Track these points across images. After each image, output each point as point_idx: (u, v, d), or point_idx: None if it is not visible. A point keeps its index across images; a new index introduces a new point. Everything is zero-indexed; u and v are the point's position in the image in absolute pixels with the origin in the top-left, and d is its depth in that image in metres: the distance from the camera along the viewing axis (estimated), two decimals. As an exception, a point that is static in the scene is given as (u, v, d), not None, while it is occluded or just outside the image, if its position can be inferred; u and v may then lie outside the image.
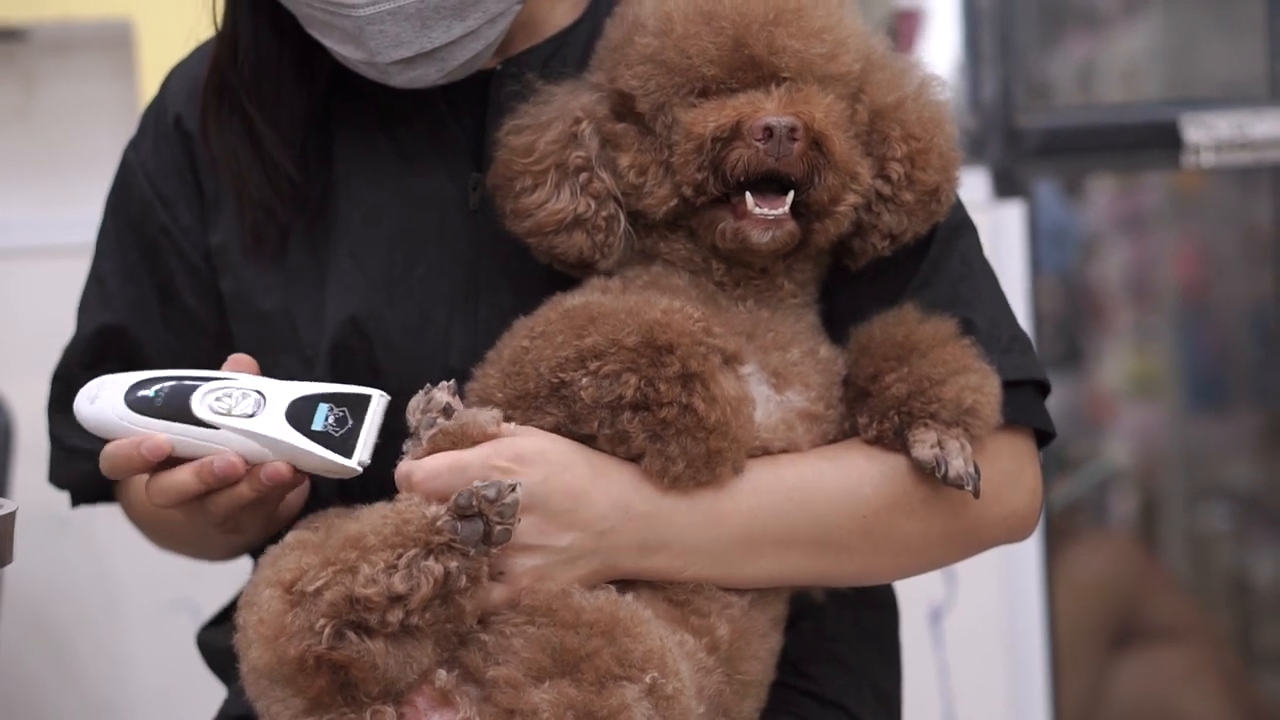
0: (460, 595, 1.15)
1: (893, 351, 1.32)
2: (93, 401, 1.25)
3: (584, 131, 1.32)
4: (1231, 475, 2.94)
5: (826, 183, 1.26)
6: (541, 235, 1.33)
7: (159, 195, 1.45)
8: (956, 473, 1.27)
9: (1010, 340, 1.37)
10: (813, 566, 1.31)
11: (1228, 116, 2.43)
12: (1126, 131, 2.54)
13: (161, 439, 1.23)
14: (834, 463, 1.31)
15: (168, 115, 1.47)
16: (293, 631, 1.14)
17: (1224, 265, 2.98)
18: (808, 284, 1.35)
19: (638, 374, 1.22)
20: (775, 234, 1.27)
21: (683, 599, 1.27)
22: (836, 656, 1.43)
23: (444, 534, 1.14)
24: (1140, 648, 2.69)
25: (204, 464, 1.22)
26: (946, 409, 1.29)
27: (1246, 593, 2.88)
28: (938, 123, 1.34)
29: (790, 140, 1.24)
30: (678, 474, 1.25)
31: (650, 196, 1.30)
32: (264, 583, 1.18)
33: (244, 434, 1.22)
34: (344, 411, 1.22)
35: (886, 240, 1.34)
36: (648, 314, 1.24)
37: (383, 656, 1.14)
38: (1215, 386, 3.01)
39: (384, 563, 1.13)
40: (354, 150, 1.42)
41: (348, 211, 1.41)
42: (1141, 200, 2.99)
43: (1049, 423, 1.39)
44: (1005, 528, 1.36)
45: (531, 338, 1.27)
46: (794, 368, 1.31)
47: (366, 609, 1.12)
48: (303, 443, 1.21)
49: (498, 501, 1.15)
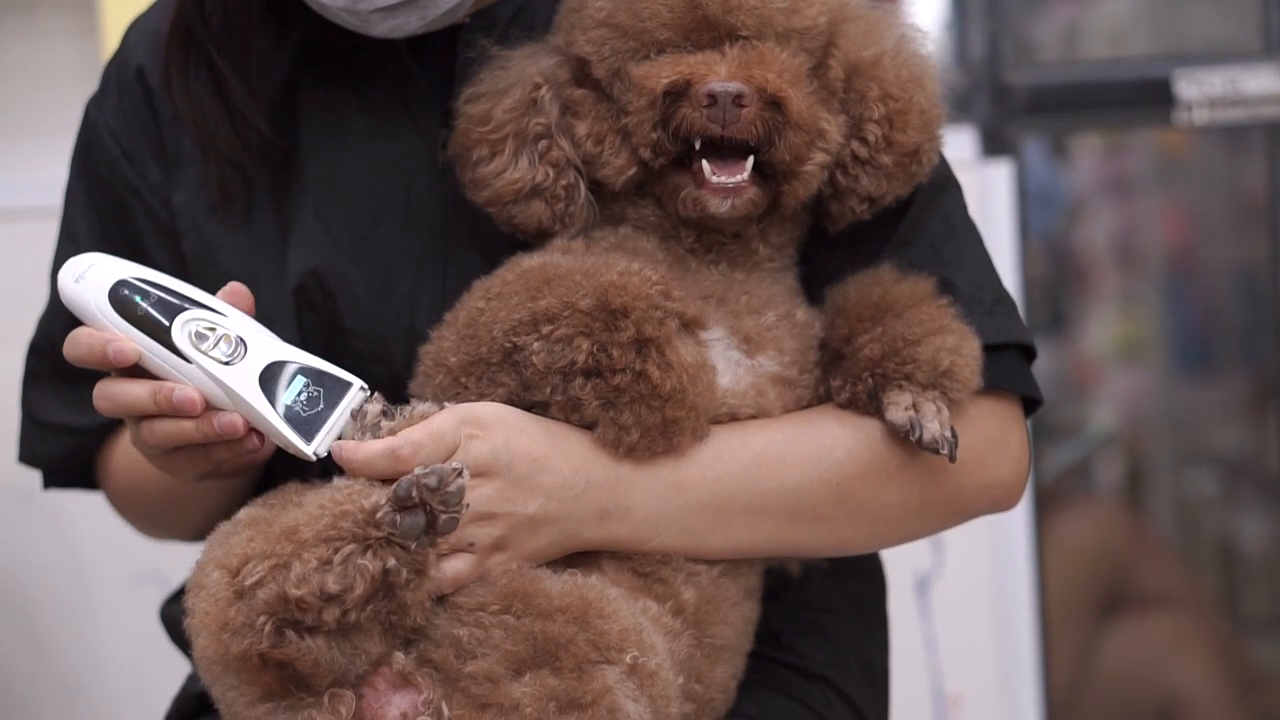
0: (403, 589, 1.10)
1: (867, 312, 1.29)
2: (77, 280, 1.21)
3: (544, 97, 1.29)
4: (1218, 440, 2.92)
5: (788, 142, 1.23)
6: (500, 205, 1.30)
7: (125, 152, 1.42)
8: (932, 436, 1.24)
9: (994, 302, 1.34)
10: (785, 536, 1.28)
11: (1220, 72, 2.39)
12: (1117, 88, 2.50)
13: (130, 348, 1.18)
14: (805, 428, 1.28)
15: (129, 69, 1.42)
16: (235, 627, 1.10)
17: (1211, 228, 2.95)
18: (785, 247, 1.32)
19: (590, 338, 1.19)
20: (735, 202, 1.24)
21: (648, 570, 1.24)
22: (821, 628, 1.40)
23: (383, 528, 1.09)
24: (1130, 615, 2.68)
25: (163, 387, 1.17)
26: (922, 370, 1.26)
27: (1233, 557, 2.87)
28: (918, 80, 1.30)
29: (737, 106, 1.20)
30: (632, 443, 1.22)
31: (608, 166, 1.27)
32: (212, 564, 1.14)
33: (213, 379, 1.17)
34: (319, 392, 1.17)
35: (865, 204, 1.30)
36: (604, 276, 1.21)
37: (325, 653, 1.10)
38: (1201, 351, 2.99)
39: (317, 560, 1.08)
40: (319, 108, 1.39)
41: (313, 171, 1.38)
42: (1127, 163, 2.97)
43: (1035, 388, 1.35)
44: (989, 497, 1.33)
45: (487, 299, 1.24)
46: (767, 332, 1.28)
47: (300, 609, 1.08)
48: (267, 411, 1.16)
49: (440, 490, 1.09)
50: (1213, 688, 2.57)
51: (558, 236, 1.30)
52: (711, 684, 1.26)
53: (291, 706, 1.13)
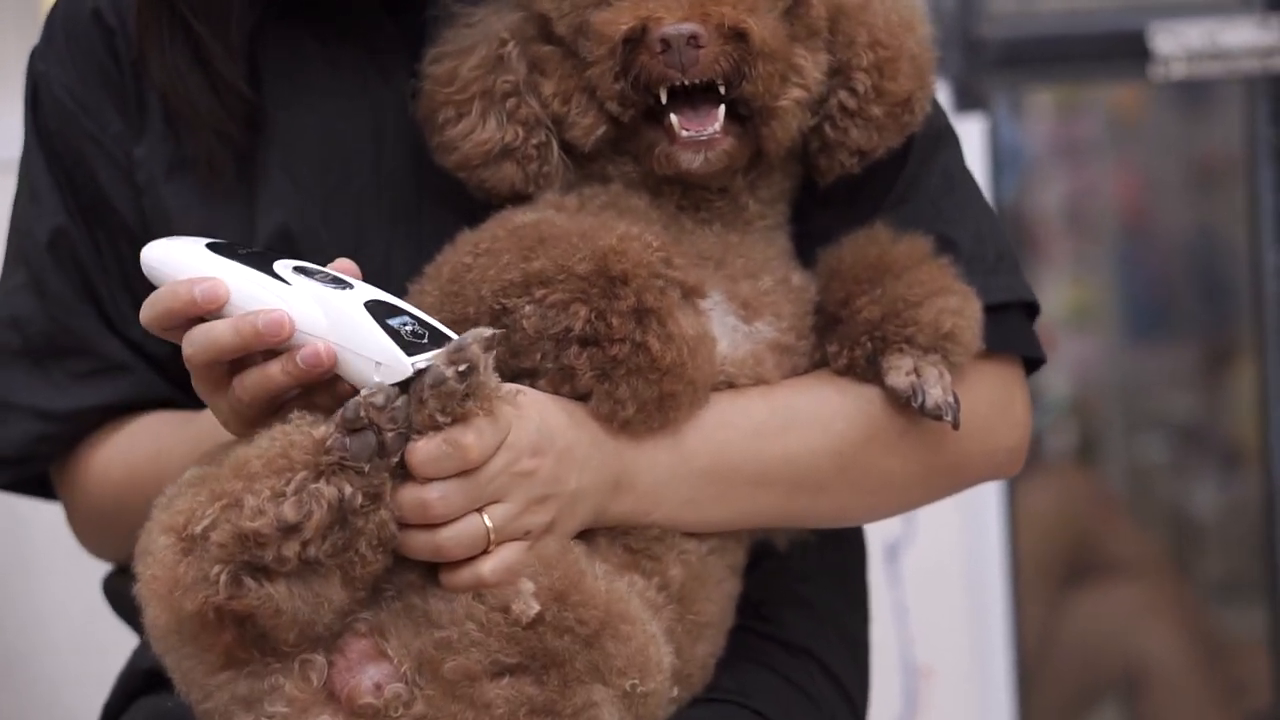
0: (357, 516, 1.05)
1: (865, 273, 1.23)
2: (170, 240, 1.16)
3: (510, 54, 1.23)
4: (1171, 406, 2.91)
5: (758, 74, 1.16)
6: (470, 169, 1.24)
7: (80, 103, 1.33)
8: (934, 402, 1.20)
9: (996, 259, 1.29)
10: (787, 507, 1.23)
11: (1198, 25, 2.34)
12: (1092, 41, 2.45)
13: (222, 287, 1.09)
14: (805, 396, 1.23)
15: (81, 10, 1.34)
16: (187, 584, 1.04)
17: (1164, 192, 2.94)
18: (775, 202, 1.26)
19: (588, 305, 1.13)
20: (708, 155, 1.18)
21: (641, 546, 1.19)
22: (802, 599, 1.35)
23: (334, 453, 1.04)
24: (1096, 583, 2.67)
25: (247, 315, 1.08)
26: (923, 333, 1.21)
27: (1186, 524, 2.87)
28: (908, 25, 1.24)
29: (694, 47, 1.15)
30: (627, 418, 1.16)
31: (576, 126, 1.21)
32: (157, 528, 1.08)
33: (315, 298, 1.09)
34: (425, 331, 1.10)
35: (855, 157, 1.24)
36: (602, 239, 1.15)
37: (287, 600, 1.05)
38: (1154, 317, 2.98)
39: (270, 490, 1.04)
40: (285, 59, 1.31)
41: (280, 125, 1.31)
42: (1079, 126, 2.94)
43: (1038, 348, 1.32)
44: (992, 463, 1.29)
45: (475, 255, 1.18)
46: (764, 297, 1.23)
47: (258, 545, 1.03)
48: (370, 323, 1.08)
49: (387, 408, 1.05)
50: (1179, 655, 2.56)
51: (531, 198, 1.23)
52: (690, 660, 1.21)
53: (255, 674, 1.08)
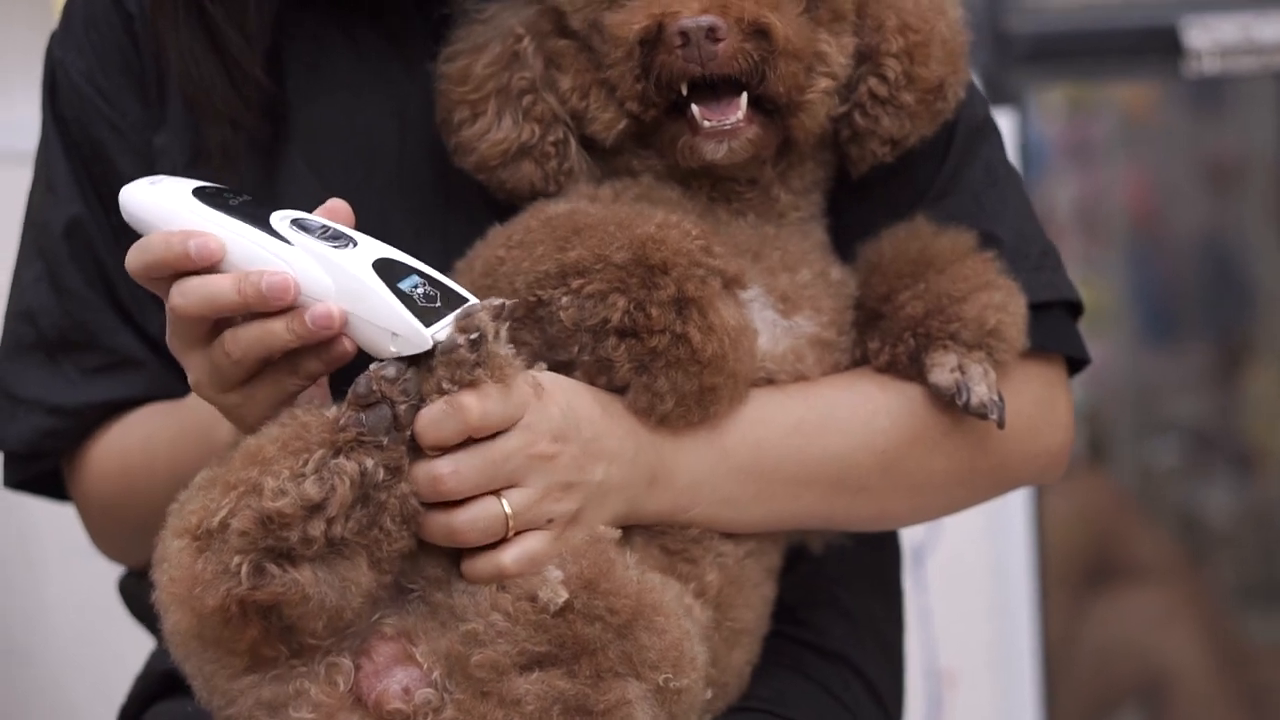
0: (380, 491, 1.03)
1: (907, 268, 1.20)
2: (153, 184, 1.08)
3: (525, 49, 1.20)
4: (1182, 409, 2.89)
5: (780, 72, 1.13)
6: (488, 170, 1.21)
7: (99, 90, 1.29)
8: (979, 400, 1.17)
9: (1040, 255, 1.26)
10: (827, 507, 1.20)
11: (1231, 19, 2.31)
12: (1122, 36, 2.42)
13: (216, 242, 1.03)
14: (846, 393, 1.20)
15: None
16: (206, 579, 1.01)
17: (1176, 193, 2.91)
18: (808, 192, 1.23)
19: (626, 295, 1.09)
20: (731, 145, 1.15)
21: (678, 548, 1.16)
22: (838, 602, 1.32)
23: (349, 429, 1.02)
24: (1117, 587, 2.65)
25: (250, 274, 1.03)
26: (968, 329, 1.18)
27: (1198, 528, 2.84)
28: (939, 8, 1.20)
29: (712, 41, 1.11)
30: (666, 412, 1.13)
31: (596, 121, 1.18)
32: (171, 534, 1.05)
33: (319, 258, 1.03)
34: (436, 293, 1.05)
35: (888, 146, 1.21)
36: (640, 228, 1.11)
37: (313, 585, 1.02)
38: (1166, 319, 2.96)
39: (289, 471, 1.01)
40: (306, 47, 1.28)
41: (301, 116, 1.27)
42: (1090, 126, 2.92)
43: (1082, 347, 1.29)
44: (1036, 466, 1.26)
45: (508, 247, 1.15)
46: (804, 290, 1.19)
47: (282, 526, 1.00)
48: (382, 289, 1.03)
49: (399, 380, 1.03)
50: (1201, 661, 2.53)
51: (551, 197, 1.20)
52: (727, 669, 1.18)
53: (279, 677, 1.04)
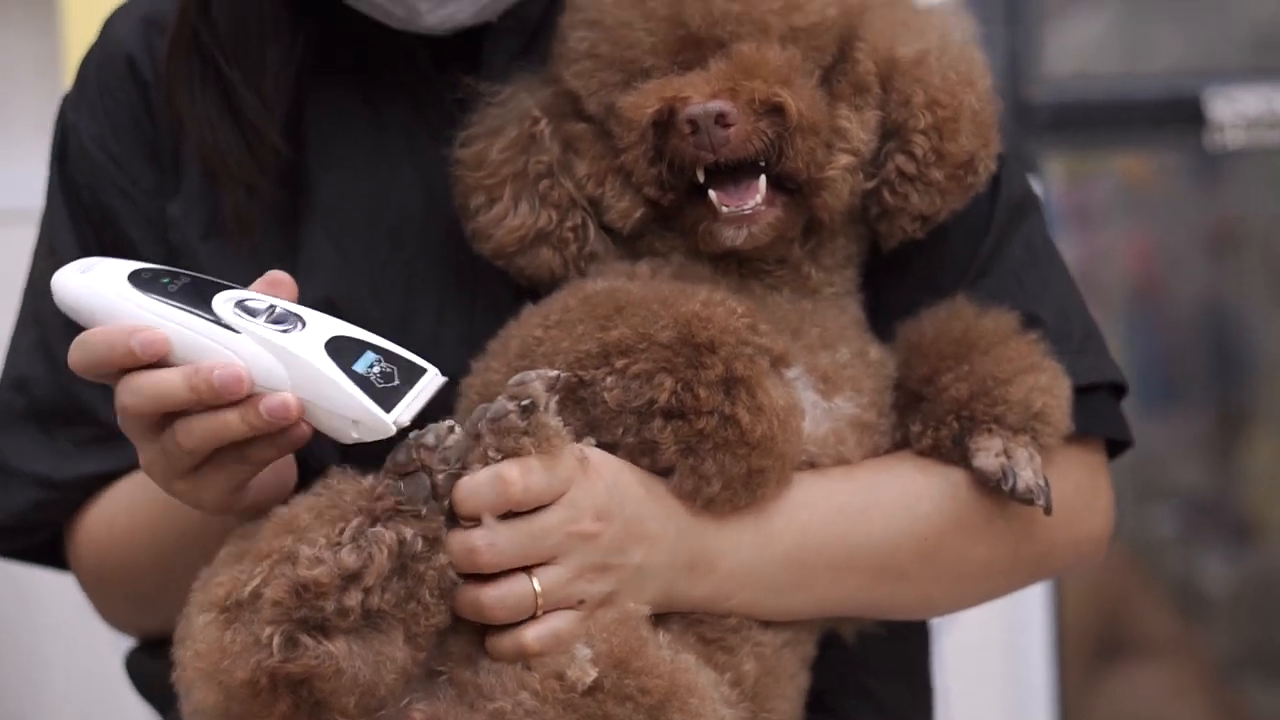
0: (418, 562, 1.00)
1: (950, 349, 1.17)
2: (84, 271, 1.03)
3: (543, 132, 1.17)
4: (1181, 477, 2.87)
5: (797, 149, 1.10)
6: (506, 257, 1.18)
7: (111, 157, 1.26)
8: (1026, 485, 1.13)
9: (1084, 338, 1.24)
10: (868, 596, 1.16)
11: (1255, 91, 2.29)
12: (1145, 108, 2.40)
13: (160, 336, 0.99)
14: (887, 477, 1.16)
15: (116, 60, 1.27)
16: (235, 652, 0.98)
17: (1175, 259, 2.90)
18: (841, 268, 1.19)
19: (673, 375, 1.06)
20: (751, 230, 1.12)
21: (715, 636, 1.12)
22: (867, 690, 1.28)
23: (386, 498, 1.00)
24: (1127, 661, 2.62)
25: (201, 367, 0.99)
26: (1014, 412, 1.15)
27: (1196, 599, 2.82)
28: (967, 80, 1.17)
29: (722, 127, 1.08)
30: (712, 495, 1.09)
31: (612, 210, 1.15)
32: (196, 608, 1.01)
33: (270, 346, 0.99)
34: (393, 369, 1.02)
35: (918, 223, 1.18)
36: (685, 306, 1.08)
37: (347, 658, 0.98)
38: (1164, 387, 2.94)
39: (325, 539, 0.98)
40: (329, 117, 1.25)
41: (323, 187, 1.24)
42: (1091, 193, 2.90)
43: (1126, 430, 1.25)
44: (1077, 552, 1.23)
45: (546, 327, 1.11)
46: (844, 370, 1.16)
47: (318, 596, 0.97)
48: (338, 376, 0.99)
49: (439, 448, 1.01)
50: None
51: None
52: None
53: None
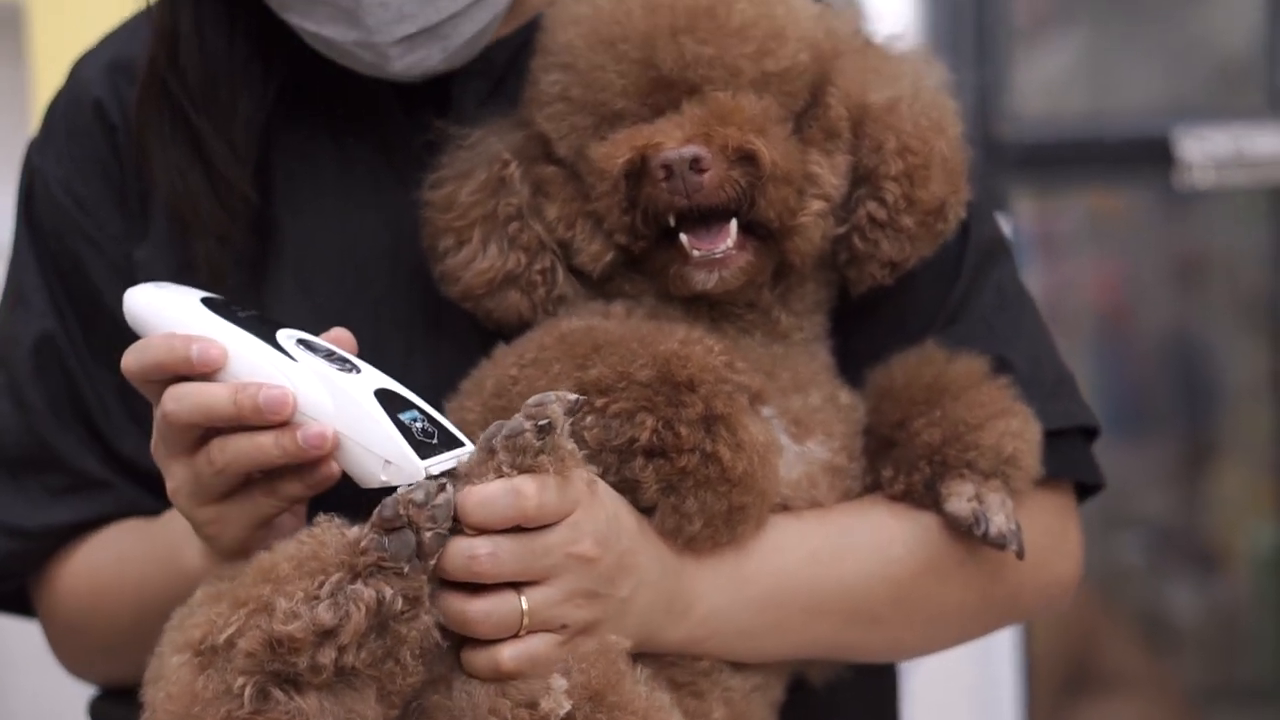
0: (398, 622, 0.98)
1: (921, 395, 1.17)
2: (160, 288, 1.09)
3: (512, 175, 1.16)
4: (1148, 506, 2.88)
5: (769, 198, 1.10)
6: (474, 299, 1.17)
7: (77, 201, 1.25)
8: (998, 530, 1.13)
9: (1056, 382, 1.24)
10: (840, 638, 1.16)
11: (1225, 130, 2.29)
12: (1114, 147, 2.41)
13: (219, 347, 1.03)
14: (860, 520, 1.16)
15: (83, 105, 1.26)
16: (207, 699, 0.96)
17: (1143, 289, 2.91)
18: (810, 314, 1.19)
19: (654, 414, 1.06)
20: (722, 274, 1.12)
21: (685, 680, 1.11)
22: (833, 732, 1.28)
23: (370, 553, 0.97)
24: (1099, 692, 2.62)
25: (248, 386, 1.01)
26: (985, 457, 1.15)
27: (1163, 628, 2.82)
28: (938, 127, 1.17)
29: (697, 172, 1.08)
30: (693, 534, 1.09)
31: (582, 253, 1.15)
32: (170, 648, 1.00)
33: (323, 378, 1.03)
34: (434, 430, 1.03)
35: (887, 269, 1.18)
36: (663, 344, 1.08)
37: (318, 714, 0.97)
38: (1131, 417, 2.95)
39: (303, 593, 0.96)
40: (296, 160, 1.24)
41: (291, 230, 1.23)
42: (1058, 223, 2.92)
43: (1097, 474, 1.26)
44: (1045, 597, 1.23)
45: (521, 365, 1.11)
46: (815, 414, 1.16)
47: (292, 651, 0.95)
48: (381, 416, 1.01)
49: (427, 505, 0.98)
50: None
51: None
52: None
53: None
